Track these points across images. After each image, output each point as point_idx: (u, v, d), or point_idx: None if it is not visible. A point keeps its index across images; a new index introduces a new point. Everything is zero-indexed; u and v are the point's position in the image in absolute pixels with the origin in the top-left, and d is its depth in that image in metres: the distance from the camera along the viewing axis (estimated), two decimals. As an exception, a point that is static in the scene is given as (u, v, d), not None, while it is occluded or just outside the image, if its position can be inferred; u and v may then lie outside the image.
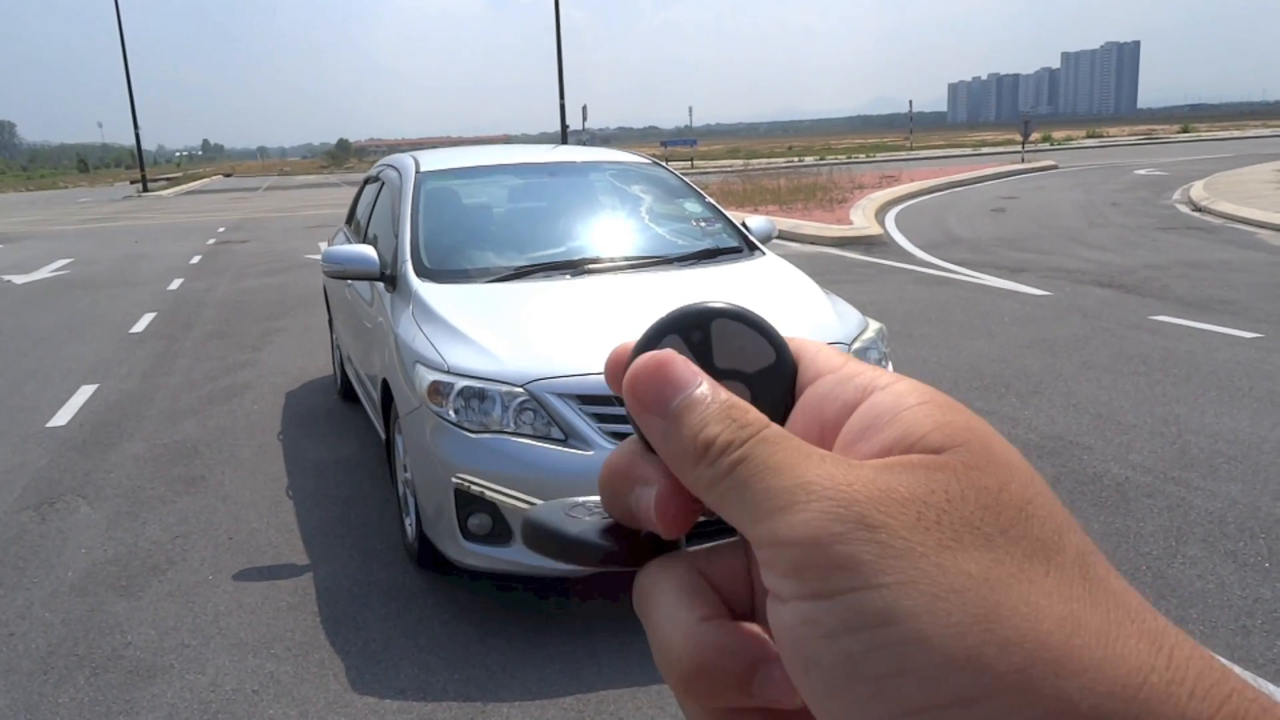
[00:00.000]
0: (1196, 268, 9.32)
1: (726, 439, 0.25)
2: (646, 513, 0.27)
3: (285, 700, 2.86)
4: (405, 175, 4.74)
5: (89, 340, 8.38)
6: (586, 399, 3.10)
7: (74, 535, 4.12)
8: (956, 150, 45.32)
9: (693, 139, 44.64)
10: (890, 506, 0.23)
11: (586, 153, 5.57)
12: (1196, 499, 3.90)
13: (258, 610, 3.40)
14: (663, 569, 0.28)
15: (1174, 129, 65.86)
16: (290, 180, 59.83)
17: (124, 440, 5.41)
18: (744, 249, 4.45)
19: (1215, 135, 50.47)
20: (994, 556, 0.22)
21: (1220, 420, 4.81)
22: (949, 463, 0.24)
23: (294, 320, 8.85)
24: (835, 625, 0.22)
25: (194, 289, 11.27)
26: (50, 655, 3.16)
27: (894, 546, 0.22)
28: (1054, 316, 7.39)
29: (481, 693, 2.85)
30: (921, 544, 0.22)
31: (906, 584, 0.22)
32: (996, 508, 0.23)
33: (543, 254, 4.29)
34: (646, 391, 0.27)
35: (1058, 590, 0.22)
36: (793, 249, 12.06)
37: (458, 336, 3.41)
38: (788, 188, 19.73)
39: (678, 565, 0.29)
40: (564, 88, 33.27)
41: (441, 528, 3.20)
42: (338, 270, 4.17)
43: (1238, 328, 6.70)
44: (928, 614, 0.21)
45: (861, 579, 0.22)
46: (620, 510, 0.29)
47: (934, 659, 0.21)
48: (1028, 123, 30.22)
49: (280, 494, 4.47)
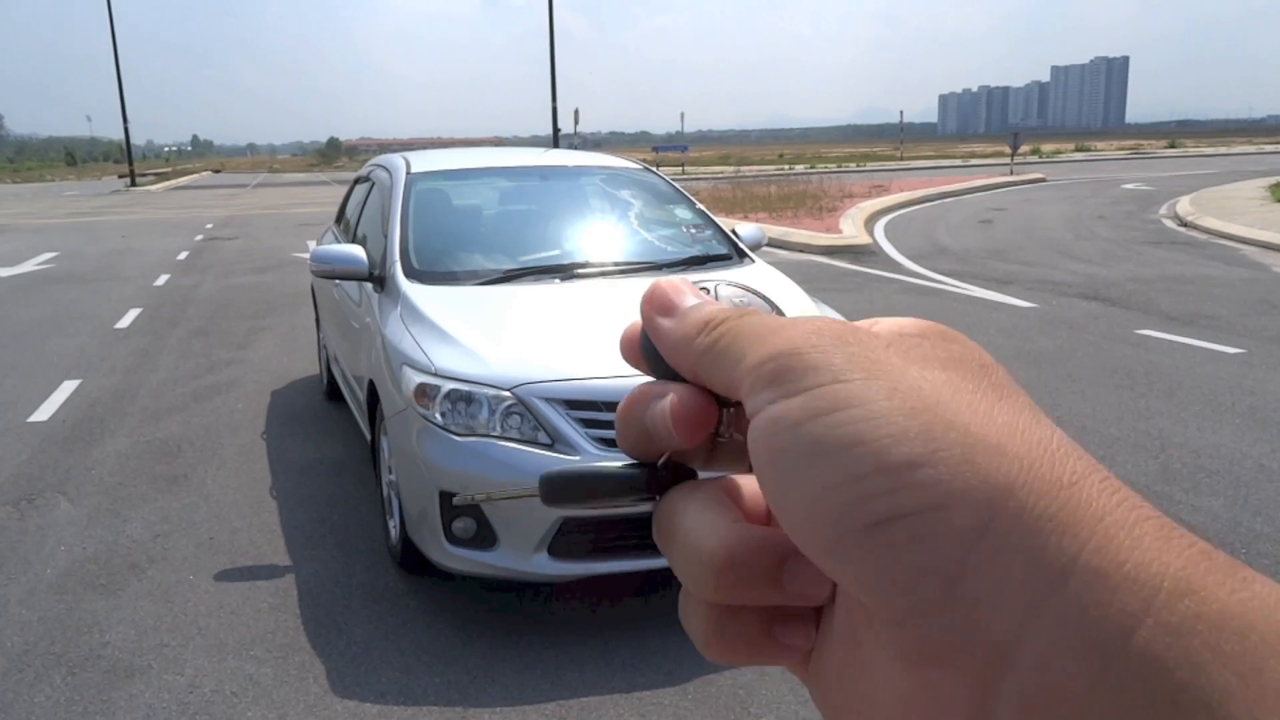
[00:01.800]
0: (1181, 282, 9.40)
1: (724, 314, 0.29)
2: (664, 420, 0.29)
3: (264, 702, 2.84)
4: (396, 176, 4.73)
5: (73, 335, 8.31)
6: (573, 404, 3.10)
7: (53, 532, 4.08)
8: (946, 161, 45.58)
9: (684, 145, 44.75)
10: (865, 336, 0.26)
11: (578, 157, 5.57)
12: (1178, 513, 3.92)
13: (238, 611, 3.37)
14: (691, 490, 0.30)
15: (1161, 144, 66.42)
16: (280, 178, 59.64)
17: (106, 437, 5.37)
18: (733, 256, 4.46)
19: (1202, 151, 50.94)
20: (953, 375, 0.25)
21: (1203, 435, 4.85)
22: (924, 329, 0.28)
23: (280, 319, 8.81)
24: (802, 415, 0.24)
25: (180, 285, 11.20)
26: (26, 654, 3.13)
27: (865, 357, 0.25)
28: (1040, 328, 7.43)
29: (463, 696, 2.84)
30: (889, 359, 0.25)
31: (870, 379, 0.24)
32: (961, 359, 0.26)
33: (532, 257, 4.29)
34: (664, 296, 0.31)
35: (1008, 409, 0.24)
36: (782, 257, 12.09)
37: (445, 339, 3.40)
38: (778, 195, 19.81)
39: (704, 485, 0.30)
40: (556, 91, 33.29)
41: (426, 531, 3.19)
42: (326, 270, 4.15)
43: (1222, 343, 6.75)
44: (886, 399, 0.24)
45: (831, 375, 0.25)
46: (636, 435, 0.30)
47: (887, 431, 0.23)
48: (1017, 135, 30.42)
49: (263, 494, 4.44)
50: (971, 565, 0.22)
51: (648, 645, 3.08)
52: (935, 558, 0.22)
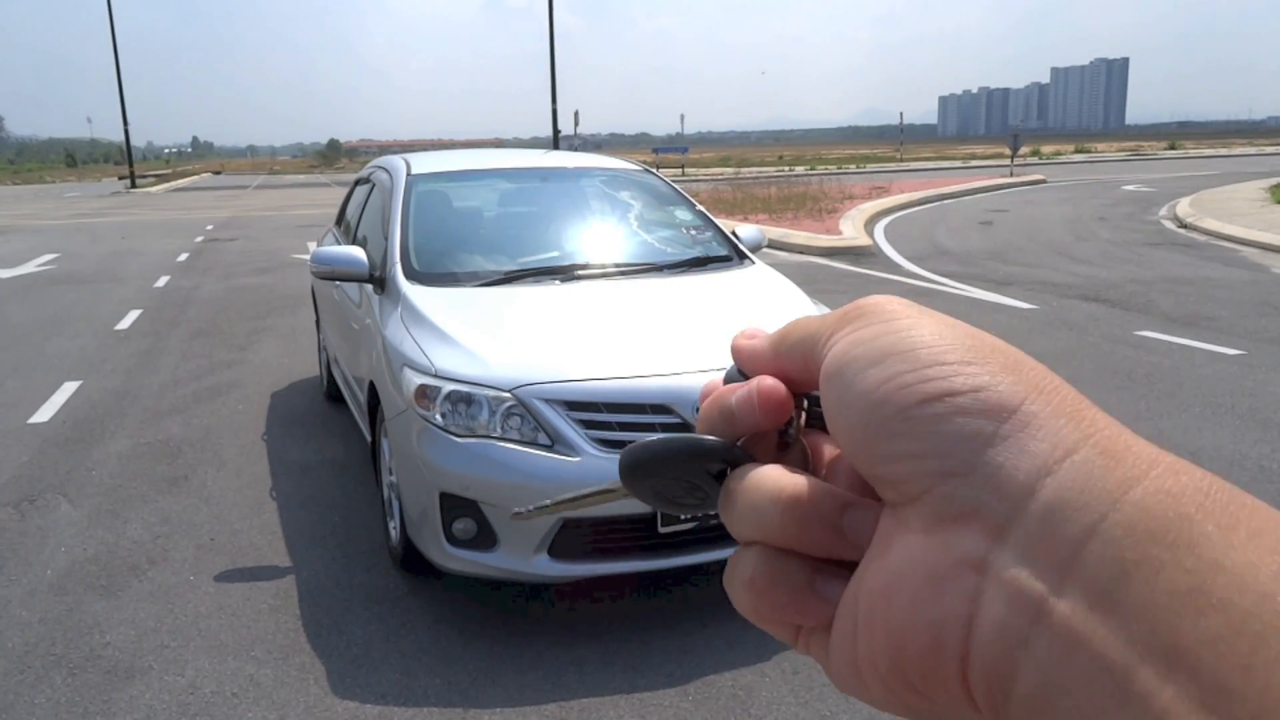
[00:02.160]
0: (1181, 284, 9.40)
1: None
2: (750, 400, 0.33)
3: (265, 703, 2.84)
4: (396, 177, 4.73)
5: (73, 336, 8.32)
6: (574, 405, 3.10)
7: (54, 533, 4.09)
8: (946, 163, 45.58)
9: (684, 146, 44.73)
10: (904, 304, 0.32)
11: (578, 158, 5.57)
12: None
13: (239, 612, 3.37)
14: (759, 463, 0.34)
15: (1161, 146, 66.42)
16: (280, 179, 59.64)
17: (107, 438, 5.37)
18: (733, 257, 4.46)
19: (1202, 153, 50.92)
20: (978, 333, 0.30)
21: (1203, 436, 4.85)
22: None
23: (281, 320, 8.82)
24: (878, 332, 0.30)
25: (181, 286, 11.21)
26: (27, 654, 3.13)
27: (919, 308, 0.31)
28: (1040, 330, 7.44)
29: (463, 698, 2.84)
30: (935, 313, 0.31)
31: (929, 318, 0.30)
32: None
33: (532, 259, 4.29)
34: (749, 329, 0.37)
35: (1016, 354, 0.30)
36: (782, 258, 12.10)
37: (446, 340, 3.40)
38: (778, 197, 19.81)
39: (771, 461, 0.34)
40: (556, 92, 33.30)
41: (426, 532, 3.19)
42: (326, 271, 4.15)
43: (1221, 344, 6.75)
44: (946, 328, 0.30)
45: (899, 313, 0.31)
46: (719, 417, 0.34)
47: (947, 343, 0.29)
48: (1017, 137, 30.38)
49: (264, 495, 4.45)
50: (1000, 435, 0.27)
51: (649, 646, 3.08)
52: (973, 427, 0.27)
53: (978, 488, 0.26)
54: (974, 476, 0.26)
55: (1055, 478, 0.25)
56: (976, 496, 0.26)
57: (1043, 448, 0.26)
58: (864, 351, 0.30)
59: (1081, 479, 0.25)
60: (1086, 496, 0.25)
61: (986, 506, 0.26)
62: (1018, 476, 0.26)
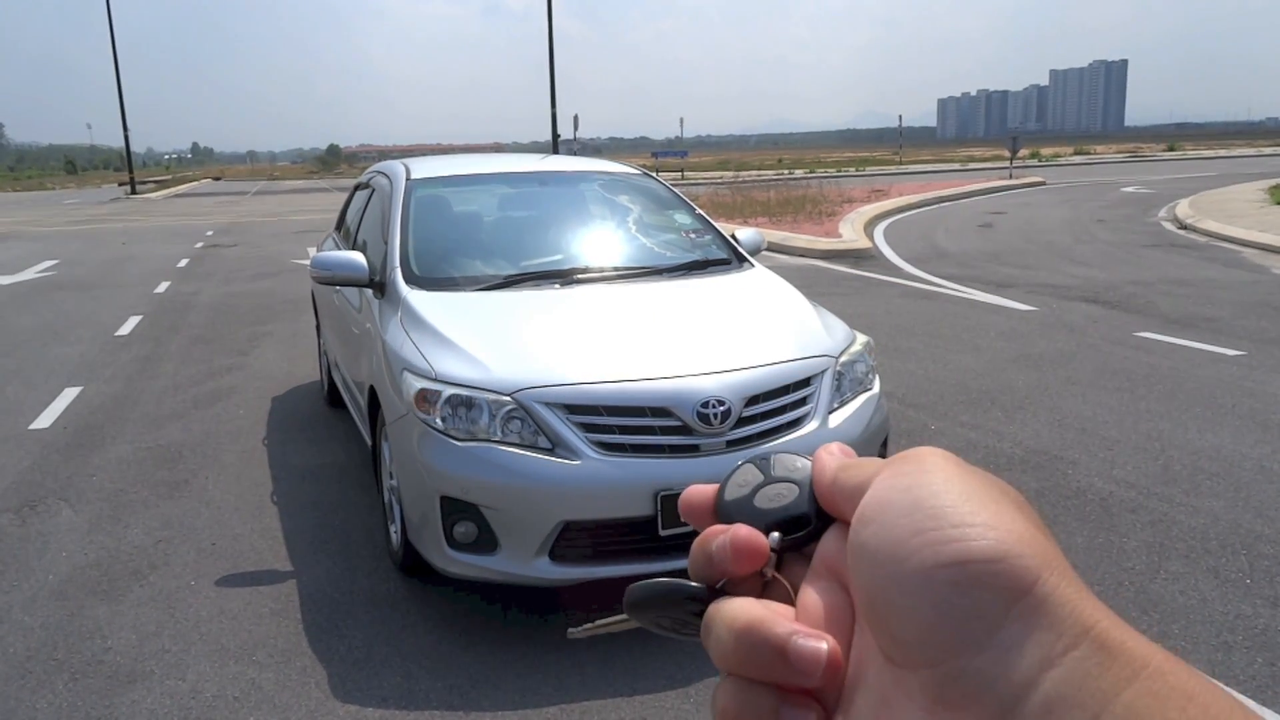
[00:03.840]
0: (1181, 285, 9.40)
1: None
2: (725, 549, 0.35)
3: (266, 707, 2.85)
4: (396, 182, 4.74)
5: (74, 342, 8.33)
6: (574, 408, 3.10)
7: (55, 538, 4.09)
8: (945, 165, 45.60)
9: (683, 150, 44.77)
10: None
11: (577, 162, 5.58)
12: (1179, 515, 3.93)
13: (240, 616, 3.38)
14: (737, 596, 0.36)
15: (1160, 147, 66.45)
16: (280, 185, 59.67)
17: (107, 443, 5.38)
18: (733, 261, 4.47)
19: (1201, 154, 50.95)
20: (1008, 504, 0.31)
21: (1203, 437, 4.85)
22: None
23: (281, 325, 8.82)
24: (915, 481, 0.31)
25: (181, 292, 11.22)
26: (29, 660, 3.13)
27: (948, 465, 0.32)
28: (1040, 332, 7.44)
29: (464, 701, 2.84)
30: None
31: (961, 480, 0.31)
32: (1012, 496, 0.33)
33: (532, 263, 4.30)
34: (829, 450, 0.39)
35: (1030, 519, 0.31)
36: (781, 261, 12.10)
37: (446, 344, 3.41)
38: (777, 200, 19.81)
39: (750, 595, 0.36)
40: (555, 97, 33.34)
41: (427, 536, 3.19)
42: (326, 276, 4.16)
43: (1221, 345, 6.76)
44: (974, 492, 0.31)
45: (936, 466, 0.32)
46: (703, 561, 0.37)
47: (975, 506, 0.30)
48: (1016, 139, 30.39)
49: (264, 499, 4.45)
50: (1012, 616, 0.28)
51: (649, 649, 3.09)
52: (988, 603, 0.28)
53: (986, 670, 0.27)
54: (984, 657, 0.28)
55: (1057, 671, 0.27)
56: (984, 680, 0.27)
57: (1049, 638, 0.27)
58: (899, 497, 0.31)
59: (1080, 676, 0.26)
60: (1083, 695, 0.26)
61: (991, 693, 0.27)
62: (1023, 664, 0.27)
